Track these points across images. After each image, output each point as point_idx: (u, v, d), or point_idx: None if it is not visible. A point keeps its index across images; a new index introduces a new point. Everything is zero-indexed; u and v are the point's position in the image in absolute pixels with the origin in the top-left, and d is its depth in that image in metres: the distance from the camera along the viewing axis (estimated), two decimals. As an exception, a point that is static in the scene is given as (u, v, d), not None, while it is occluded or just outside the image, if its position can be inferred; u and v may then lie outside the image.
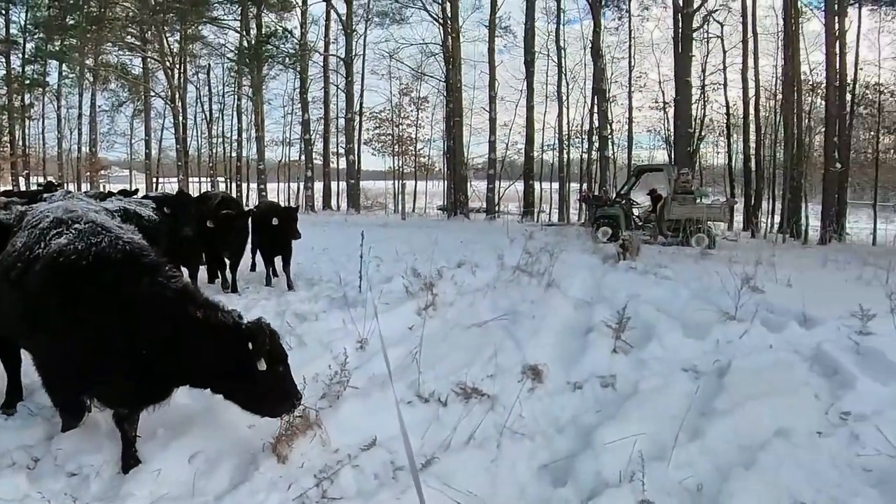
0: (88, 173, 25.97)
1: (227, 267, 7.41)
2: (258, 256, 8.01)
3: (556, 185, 22.95)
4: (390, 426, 3.30)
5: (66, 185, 22.35)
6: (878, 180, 20.46)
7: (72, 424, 3.14)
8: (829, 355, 4.32)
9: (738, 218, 19.37)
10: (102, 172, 27.53)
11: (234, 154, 27.28)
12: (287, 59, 24.20)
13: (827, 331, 4.89)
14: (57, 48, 25.31)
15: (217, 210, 6.83)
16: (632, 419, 3.46)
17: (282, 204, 8.45)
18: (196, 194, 8.52)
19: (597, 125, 21.17)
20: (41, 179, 21.72)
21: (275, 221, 7.14)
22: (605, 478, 2.97)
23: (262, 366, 2.73)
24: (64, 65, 25.98)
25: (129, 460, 2.94)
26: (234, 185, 26.65)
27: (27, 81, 25.78)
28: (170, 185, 24.81)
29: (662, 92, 21.86)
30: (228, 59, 26.27)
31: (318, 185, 24.44)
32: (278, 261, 7.65)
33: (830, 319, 5.18)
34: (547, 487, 3.04)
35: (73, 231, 2.97)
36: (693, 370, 4.23)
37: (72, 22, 24.84)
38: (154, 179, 26.48)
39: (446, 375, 4.09)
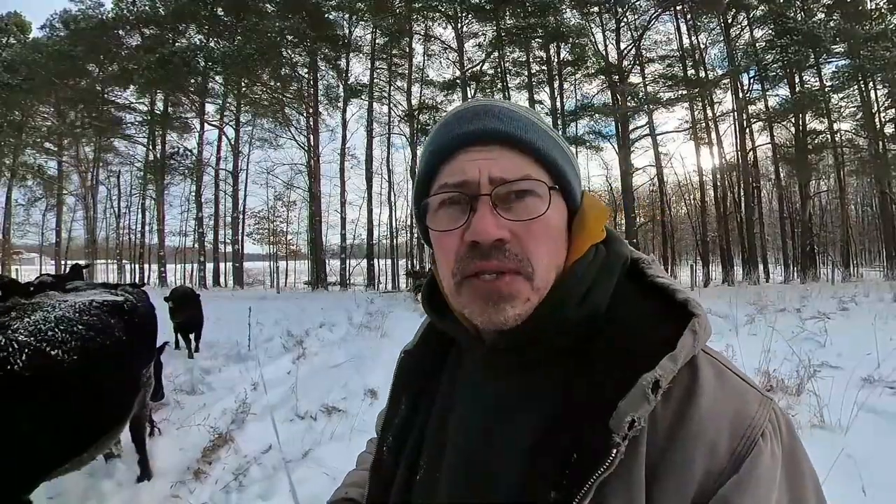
0: (1, 256, 22.91)
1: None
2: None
3: (390, 262, 24.02)
4: (280, 436, 3.72)
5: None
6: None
7: None
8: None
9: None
10: (14, 257, 23.19)
11: (137, 242, 24.47)
12: (186, 171, 22.85)
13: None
14: (-23, 148, 21.21)
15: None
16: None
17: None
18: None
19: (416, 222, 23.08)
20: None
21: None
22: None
23: None
24: (-17, 162, 21.74)
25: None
26: (137, 265, 24.00)
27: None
28: (79, 267, 21.85)
29: (459, 198, 24.47)
30: (137, 167, 24.05)
31: (210, 266, 22.74)
32: None
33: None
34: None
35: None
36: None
37: (-6, 126, 21.28)
38: (63, 262, 22.68)
39: (315, 400, 4.35)
